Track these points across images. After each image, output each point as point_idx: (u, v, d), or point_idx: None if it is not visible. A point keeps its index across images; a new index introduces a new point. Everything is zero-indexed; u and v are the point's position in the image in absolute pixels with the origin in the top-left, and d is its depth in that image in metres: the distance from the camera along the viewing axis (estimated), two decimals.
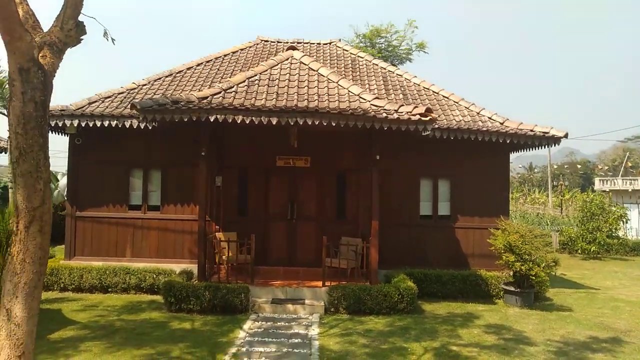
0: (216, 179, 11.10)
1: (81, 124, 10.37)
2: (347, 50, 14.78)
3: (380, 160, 9.51)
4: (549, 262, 9.82)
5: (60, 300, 9.50)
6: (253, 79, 9.73)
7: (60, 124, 10.46)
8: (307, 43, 14.84)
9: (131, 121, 10.27)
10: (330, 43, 14.96)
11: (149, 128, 9.91)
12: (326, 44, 14.90)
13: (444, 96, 12.17)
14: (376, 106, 8.91)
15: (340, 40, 15.36)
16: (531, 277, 9.63)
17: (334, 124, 8.61)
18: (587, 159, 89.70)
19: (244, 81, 9.62)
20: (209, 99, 8.87)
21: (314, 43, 14.89)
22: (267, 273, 10.52)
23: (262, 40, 14.84)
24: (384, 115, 8.60)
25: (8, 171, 15.18)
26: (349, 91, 9.51)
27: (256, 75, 9.90)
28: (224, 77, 12.09)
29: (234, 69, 12.84)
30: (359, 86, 10.36)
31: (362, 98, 9.24)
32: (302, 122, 8.59)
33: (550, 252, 10.13)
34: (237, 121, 8.58)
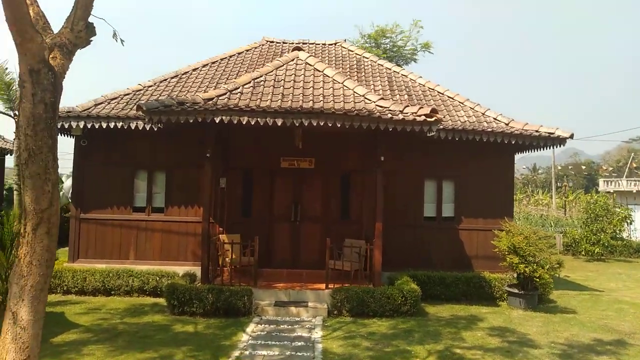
0: (220, 181, 11.10)
1: (87, 126, 10.37)
2: (352, 50, 14.76)
3: (384, 161, 9.47)
4: (553, 264, 9.77)
5: (63, 303, 9.51)
6: (258, 80, 9.72)
7: (66, 126, 10.46)
8: (313, 44, 14.83)
9: (137, 122, 10.28)
10: (335, 44, 14.95)
11: (155, 129, 9.92)
12: (331, 45, 14.89)
13: (449, 97, 12.14)
14: (381, 107, 8.89)
15: (345, 40, 15.34)
16: (535, 279, 9.60)
17: (339, 125, 8.59)
18: (591, 160, 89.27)
19: (250, 82, 9.61)
20: (215, 100, 8.87)
21: (319, 44, 14.89)
22: (271, 275, 10.50)
23: (268, 41, 14.84)
24: (389, 116, 8.58)
25: (13, 173, 15.20)
26: (354, 92, 9.49)
27: (262, 76, 9.89)
28: (230, 78, 12.09)
29: (240, 70, 12.84)
30: (364, 87, 10.33)
31: (368, 99, 9.22)
32: (307, 123, 8.57)
33: (554, 254, 10.09)
34: (243, 122, 8.57)
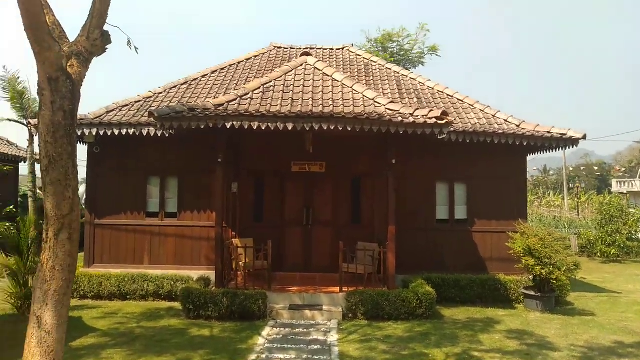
0: (232, 185, 11.14)
1: (99, 133, 10.48)
2: (360, 55, 14.80)
3: (396, 164, 9.46)
4: (570, 266, 9.65)
5: (80, 307, 9.59)
6: (268, 86, 9.77)
7: (79, 133, 10.59)
8: (320, 49, 14.89)
9: (148, 129, 10.37)
10: (343, 48, 14.99)
11: (166, 136, 10.01)
12: (339, 49, 14.93)
13: (459, 99, 12.09)
14: (391, 110, 8.88)
15: (352, 45, 15.38)
16: (552, 281, 9.48)
17: (350, 129, 8.61)
18: (603, 161, 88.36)
19: (259, 87, 9.66)
20: (225, 106, 8.93)
21: (327, 48, 14.94)
22: (284, 279, 10.51)
23: (276, 46, 14.92)
24: (400, 119, 8.57)
25: (28, 180, 15.40)
26: (364, 95, 9.49)
27: (271, 81, 9.94)
28: (239, 84, 12.17)
29: (248, 76, 12.91)
30: (373, 90, 10.34)
31: (377, 102, 9.22)
32: (318, 128, 8.58)
33: (570, 256, 9.97)
34: (253, 127, 8.61)
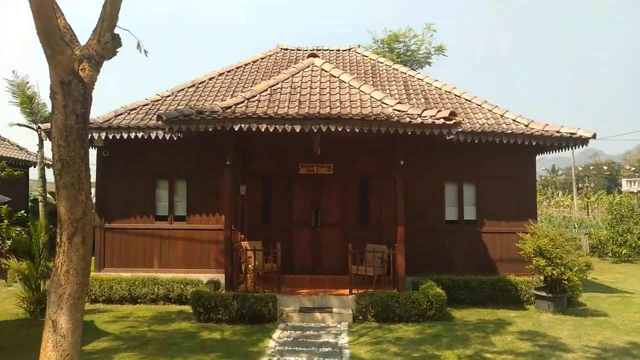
0: (240, 188, 11.15)
1: (108, 137, 10.53)
2: (367, 56, 14.77)
3: (404, 165, 9.42)
4: (582, 266, 9.56)
5: (91, 311, 9.62)
6: (275, 88, 9.78)
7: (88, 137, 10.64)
8: (327, 50, 14.89)
9: (156, 132, 10.41)
10: (349, 49, 14.97)
11: (174, 139, 10.04)
12: (345, 50, 14.92)
13: (466, 99, 12.02)
14: (399, 111, 8.85)
15: (359, 46, 15.36)
16: (563, 282, 9.39)
17: (357, 130, 8.58)
18: (612, 160, 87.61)
19: (266, 90, 9.67)
20: (233, 109, 8.94)
21: (333, 50, 14.93)
22: (293, 281, 10.50)
23: (282, 48, 14.94)
24: (408, 120, 8.54)
25: (38, 184, 15.51)
26: (371, 97, 9.47)
27: (278, 83, 9.94)
28: (246, 87, 12.18)
29: (255, 78, 12.93)
30: (381, 92, 10.31)
31: (385, 103, 9.19)
32: (325, 129, 8.56)
33: (582, 256, 9.87)
34: (261, 129, 8.61)
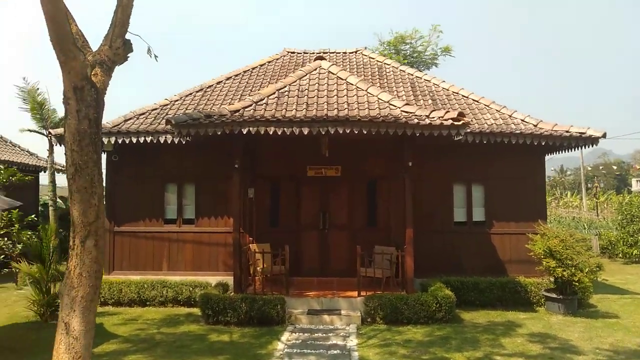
0: (248, 191, 11.18)
1: (118, 141, 10.62)
2: (374, 58, 14.77)
3: (412, 166, 9.40)
4: (593, 267, 9.47)
5: (101, 314, 9.66)
6: (283, 91, 9.81)
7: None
8: (334, 52, 14.92)
9: (165, 136, 10.48)
10: (356, 51, 14.99)
11: (183, 143, 10.10)
12: (352, 53, 14.93)
13: (474, 100, 11.98)
14: (407, 112, 8.84)
15: (365, 48, 15.37)
16: (574, 283, 9.30)
17: (365, 132, 8.58)
18: (621, 160, 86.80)
19: (274, 93, 9.70)
20: (241, 112, 8.98)
21: (340, 52, 14.96)
22: (301, 284, 10.51)
23: (289, 52, 14.98)
24: (416, 121, 8.53)
25: (48, 189, 15.67)
26: (379, 98, 9.47)
27: (286, 86, 9.97)
28: (253, 90, 12.24)
29: (263, 82, 12.98)
30: (388, 93, 10.31)
31: (393, 105, 9.18)
32: (333, 131, 8.57)
33: (593, 257, 9.79)
34: (269, 132, 8.64)
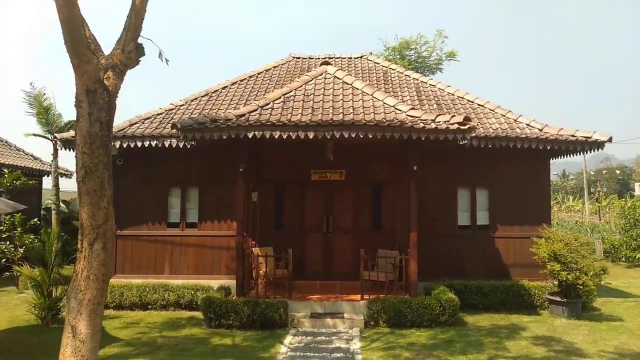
0: (252, 195, 11.21)
1: (123, 145, 10.66)
2: (379, 63, 14.83)
3: (417, 170, 9.42)
4: (597, 271, 9.47)
5: (102, 317, 9.69)
6: (288, 95, 9.85)
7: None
8: (339, 58, 14.99)
9: (170, 141, 10.53)
10: (361, 57, 15.06)
11: (188, 147, 10.14)
12: (357, 58, 15.00)
13: (479, 104, 12.00)
14: (413, 117, 8.87)
15: (371, 53, 15.44)
16: (578, 287, 9.30)
17: (371, 136, 8.61)
18: (624, 164, 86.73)
19: (280, 97, 9.74)
20: (247, 116, 9.02)
21: (345, 57, 15.03)
22: (304, 287, 10.52)
23: (294, 57, 15.06)
24: (422, 125, 8.56)
25: (52, 193, 15.71)
26: (384, 103, 9.50)
27: (291, 91, 10.02)
28: (258, 95, 12.29)
29: (268, 87, 13.04)
30: (394, 98, 10.35)
31: (398, 109, 9.22)
32: (339, 136, 8.60)
33: (597, 261, 9.78)
34: (275, 137, 8.67)
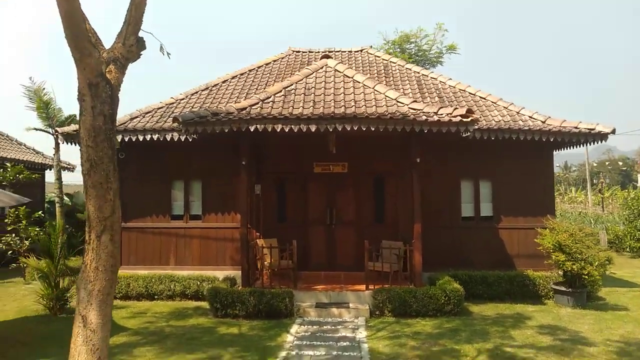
0: (255, 187, 11.26)
1: (124, 139, 10.69)
2: (379, 56, 14.79)
3: (419, 163, 9.43)
4: (602, 261, 9.49)
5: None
6: (289, 89, 9.85)
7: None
8: (339, 51, 14.95)
9: (172, 134, 10.55)
10: (361, 50, 15.01)
11: (189, 140, 10.16)
12: (357, 51, 14.95)
13: (481, 97, 11.97)
14: (415, 109, 8.87)
15: (371, 47, 15.40)
16: (584, 277, 9.31)
17: (373, 129, 8.61)
18: (626, 156, 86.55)
19: (281, 91, 9.75)
20: (248, 110, 9.03)
21: (345, 51, 14.99)
22: (308, 278, 10.59)
23: (294, 51, 15.02)
24: (424, 118, 8.56)
25: (55, 186, 15.79)
26: (386, 96, 9.50)
27: (292, 84, 10.02)
28: (259, 89, 12.29)
29: (268, 80, 13.04)
30: (395, 91, 10.34)
31: (400, 102, 9.21)
32: (341, 128, 8.61)
33: (602, 251, 9.80)
34: (277, 130, 8.68)
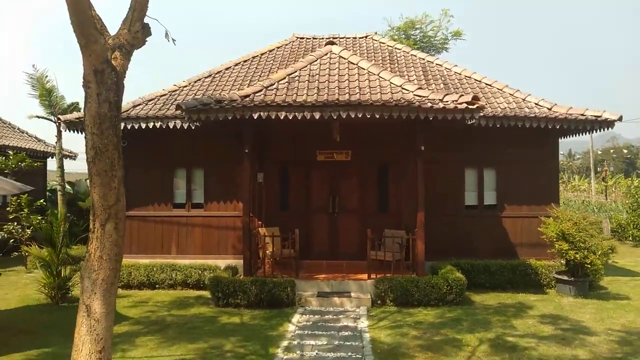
0: (258, 175, 11.20)
1: (127, 127, 10.60)
2: (384, 42, 14.61)
3: (424, 150, 9.35)
4: (605, 250, 9.45)
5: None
6: (293, 76, 9.75)
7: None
8: (343, 38, 14.77)
9: (174, 122, 10.47)
10: (366, 36, 14.82)
11: (192, 128, 10.09)
12: (362, 38, 14.77)
13: (487, 84, 11.82)
14: (420, 96, 8.77)
15: (376, 33, 15.20)
16: (586, 266, 9.29)
17: (378, 116, 8.53)
18: (630, 144, 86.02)
19: (284, 78, 9.64)
20: (251, 97, 8.95)
21: (350, 37, 14.81)
22: (310, 267, 10.59)
23: (298, 37, 14.86)
24: (429, 105, 8.46)
25: (57, 175, 15.76)
26: (391, 83, 9.39)
27: (296, 71, 9.90)
28: (262, 76, 12.17)
29: (272, 67, 12.90)
30: (400, 77, 10.21)
31: (405, 89, 9.11)
32: (345, 116, 8.53)
33: (606, 240, 9.76)
34: (280, 117, 8.61)
